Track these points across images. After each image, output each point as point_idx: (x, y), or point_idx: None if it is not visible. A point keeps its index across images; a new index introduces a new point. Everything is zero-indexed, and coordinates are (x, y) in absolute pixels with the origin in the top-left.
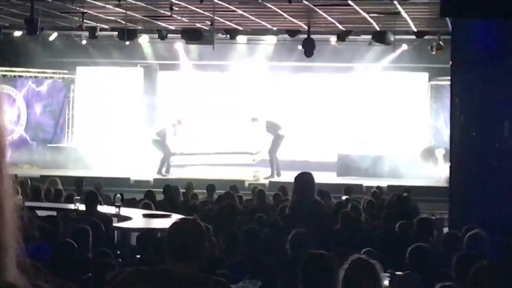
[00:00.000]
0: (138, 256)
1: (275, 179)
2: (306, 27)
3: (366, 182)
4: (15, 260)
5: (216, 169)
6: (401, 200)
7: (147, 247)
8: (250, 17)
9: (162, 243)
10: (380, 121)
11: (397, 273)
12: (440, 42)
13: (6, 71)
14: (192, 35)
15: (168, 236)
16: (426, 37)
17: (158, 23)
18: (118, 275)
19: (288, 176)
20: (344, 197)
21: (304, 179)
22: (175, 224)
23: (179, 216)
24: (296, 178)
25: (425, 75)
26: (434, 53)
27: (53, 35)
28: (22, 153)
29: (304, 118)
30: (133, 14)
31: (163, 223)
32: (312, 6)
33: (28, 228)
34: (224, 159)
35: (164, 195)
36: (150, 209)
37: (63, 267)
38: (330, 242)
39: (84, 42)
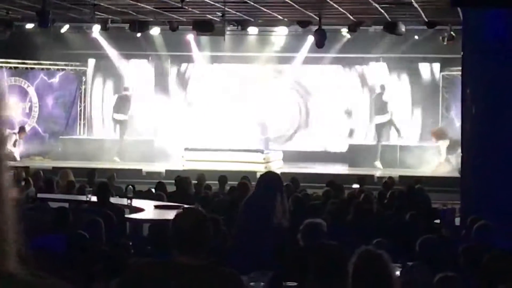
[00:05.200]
0: (150, 247)
1: (287, 169)
2: (317, 18)
3: (378, 172)
4: (15, 251)
5: (228, 159)
6: (413, 191)
7: (159, 238)
8: (261, 8)
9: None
10: (392, 112)
11: (408, 263)
12: (452, 33)
13: (18, 63)
14: (203, 27)
15: (172, 227)
16: (437, 27)
17: (169, 14)
18: (129, 268)
19: (300, 168)
20: (354, 186)
21: (267, 179)
22: (177, 216)
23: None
24: (260, 176)
25: (437, 65)
26: (445, 43)
27: (65, 27)
28: (35, 145)
29: (315, 109)
30: (144, 5)
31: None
32: None
33: (41, 219)
34: (235, 156)
35: (175, 186)
36: (162, 200)
37: (76, 258)
38: (342, 233)
39: (95, 34)
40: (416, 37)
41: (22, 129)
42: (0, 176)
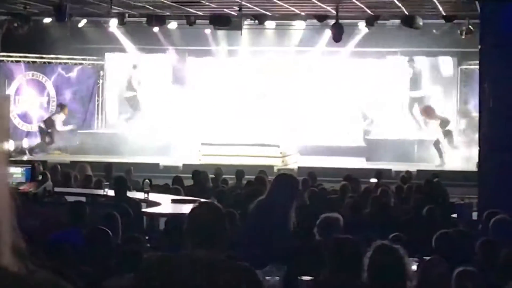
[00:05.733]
0: (166, 241)
1: (305, 164)
2: (335, 12)
3: (396, 167)
4: (10, 245)
5: (245, 153)
6: (431, 185)
7: (175, 232)
8: (279, 2)
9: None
10: (410, 106)
11: (425, 257)
12: (469, 26)
13: (36, 57)
14: (220, 21)
15: (187, 221)
16: (455, 21)
17: (187, 8)
18: (144, 262)
19: (318, 161)
20: (372, 180)
21: (283, 181)
22: (193, 210)
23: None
24: (276, 179)
25: (455, 59)
26: (463, 37)
27: (82, 22)
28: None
29: (333, 103)
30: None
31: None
32: None
33: (58, 213)
34: (252, 150)
35: (192, 180)
36: (180, 194)
37: (93, 252)
38: (358, 227)
39: (112, 28)
40: (434, 31)
41: (62, 106)
42: None
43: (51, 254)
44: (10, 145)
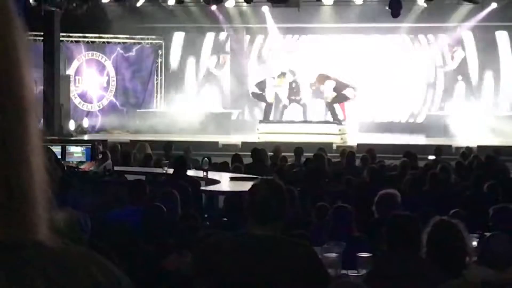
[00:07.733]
0: (225, 219)
1: (364, 141)
2: None
3: (456, 142)
4: (46, 220)
5: (303, 130)
6: (491, 161)
7: (234, 210)
8: None
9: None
10: (469, 81)
11: (486, 233)
12: None
13: (95, 37)
14: None
15: (248, 198)
16: None
17: None
18: (203, 240)
19: (377, 138)
20: (430, 157)
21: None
22: (254, 186)
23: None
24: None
25: None
26: None
27: (141, 1)
28: (112, 118)
29: (393, 79)
30: None
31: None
32: None
33: (118, 191)
34: (310, 127)
35: (251, 158)
36: (240, 172)
37: (152, 230)
38: (418, 203)
39: (171, 7)
40: (495, 4)
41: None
42: (26, 139)
43: (111, 232)
44: (70, 125)
